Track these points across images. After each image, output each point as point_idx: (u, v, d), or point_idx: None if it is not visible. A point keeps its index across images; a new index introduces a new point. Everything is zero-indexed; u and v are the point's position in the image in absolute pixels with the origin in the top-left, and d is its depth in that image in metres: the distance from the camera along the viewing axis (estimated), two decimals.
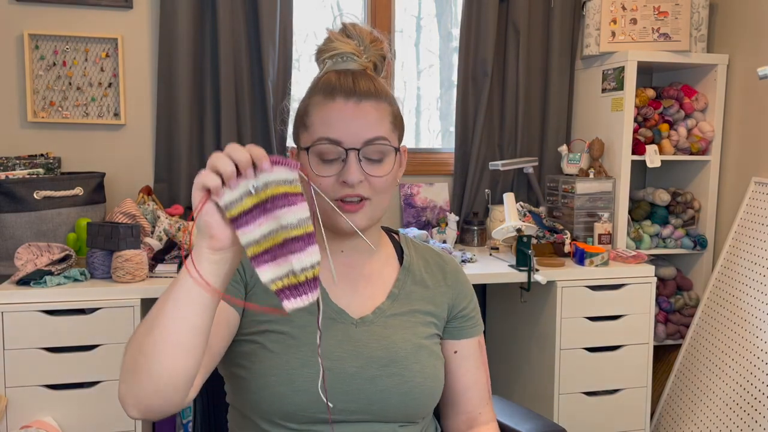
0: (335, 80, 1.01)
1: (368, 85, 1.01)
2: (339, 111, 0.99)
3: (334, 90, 1.00)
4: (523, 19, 2.76)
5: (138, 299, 1.92)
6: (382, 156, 1.01)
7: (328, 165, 0.99)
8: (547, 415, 2.31)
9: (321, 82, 1.03)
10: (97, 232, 1.99)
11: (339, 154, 0.98)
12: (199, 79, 2.51)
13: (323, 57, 1.07)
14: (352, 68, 1.04)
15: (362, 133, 0.98)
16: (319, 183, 0.98)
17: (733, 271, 2.48)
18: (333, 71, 1.04)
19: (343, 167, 0.98)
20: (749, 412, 2.22)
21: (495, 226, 2.61)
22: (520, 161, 2.70)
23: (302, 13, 2.76)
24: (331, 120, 0.99)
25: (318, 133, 0.99)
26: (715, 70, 2.66)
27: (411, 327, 1.08)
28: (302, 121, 1.03)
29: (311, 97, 1.03)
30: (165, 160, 2.51)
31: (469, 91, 2.78)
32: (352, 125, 0.98)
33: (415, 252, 1.18)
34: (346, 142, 0.98)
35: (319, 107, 1.00)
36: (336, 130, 0.98)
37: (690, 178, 2.81)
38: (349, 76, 1.01)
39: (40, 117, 2.42)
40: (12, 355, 1.85)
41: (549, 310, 2.29)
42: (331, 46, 1.05)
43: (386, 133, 1.01)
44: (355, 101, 0.99)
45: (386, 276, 1.12)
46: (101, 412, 1.92)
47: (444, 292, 1.15)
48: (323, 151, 0.98)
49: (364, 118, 0.99)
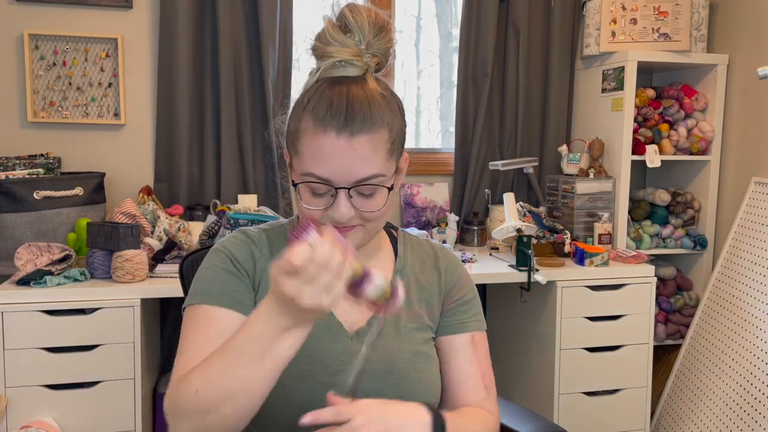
0: (327, 107, 0.93)
1: (364, 114, 0.93)
2: (330, 147, 0.92)
3: (325, 119, 0.92)
4: (523, 19, 2.76)
5: (138, 299, 1.92)
6: (374, 191, 0.96)
7: (318, 198, 0.95)
8: (547, 415, 2.31)
9: (314, 98, 0.95)
10: (97, 232, 1.99)
11: (329, 190, 0.94)
12: (199, 79, 2.51)
13: (319, 57, 0.99)
14: (351, 74, 0.97)
15: (354, 171, 0.92)
16: (309, 214, 0.96)
17: (733, 271, 2.48)
18: (328, 83, 0.96)
19: (333, 202, 0.94)
20: (749, 412, 2.22)
21: (495, 226, 2.61)
22: (520, 161, 2.70)
23: (302, 13, 2.76)
24: (321, 155, 0.92)
25: (307, 166, 0.94)
26: (715, 70, 2.66)
27: (407, 333, 1.07)
28: (293, 142, 0.97)
29: (303, 117, 0.95)
30: (165, 160, 2.51)
31: (469, 91, 2.78)
32: (343, 163, 0.92)
33: (411, 251, 1.15)
34: (336, 181, 0.93)
35: (310, 137, 0.93)
36: (326, 168, 0.92)
37: (690, 178, 2.81)
38: (342, 101, 0.93)
39: (40, 117, 2.42)
40: (12, 355, 1.85)
41: (549, 310, 2.29)
42: (327, 51, 0.97)
43: (380, 166, 0.94)
44: (347, 137, 0.91)
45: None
46: (101, 412, 1.92)
47: (439, 292, 1.13)
48: (313, 187, 0.95)
49: (357, 154, 0.92)
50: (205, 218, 2.39)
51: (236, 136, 2.54)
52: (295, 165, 0.97)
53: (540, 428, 1.27)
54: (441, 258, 1.16)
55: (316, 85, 0.97)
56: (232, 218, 2.11)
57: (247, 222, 2.10)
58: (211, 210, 2.44)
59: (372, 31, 0.97)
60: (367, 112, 0.93)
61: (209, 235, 2.17)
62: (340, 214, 0.94)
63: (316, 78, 0.98)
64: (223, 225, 2.13)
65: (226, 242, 1.06)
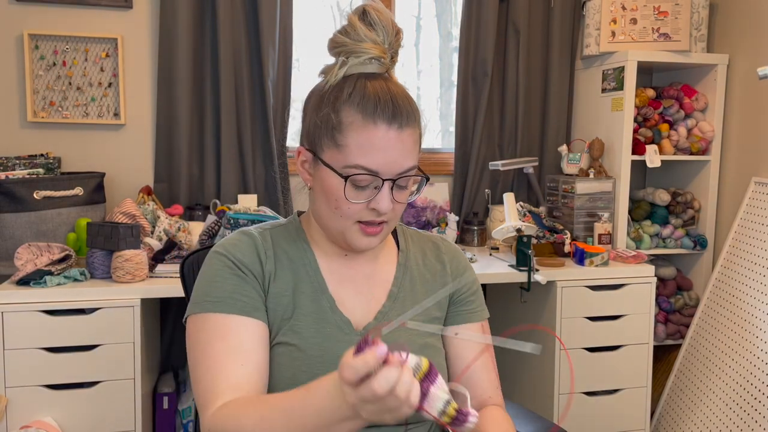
0: (375, 101, 0.94)
1: (407, 108, 0.96)
2: (381, 139, 0.93)
3: (376, 113, 0.93)
4: (523, 19, 2.76)
5: (138, 299, 1.92)
6: (407, 183, 1.00)
7: (359, 191, 0.96)
8: (547, 415, 2.31)
9: (356, 92, 0.95)
10: (97, 232, 1.99)
11: (372, 182, 0.95)
12: (199, 79, 2.51)
13: (346, 53, 0.98)
14: (378, 71, 0.99)
15: (400, 162, 0.96)
16: (348, 207, 0.96)
17: (733, 271, 2.48)
18: (362, 77, 0.97)
19: (375, 195, 0.96)
20: (749, 412, 2.22)
21: (495, 226, 2.61)
22: (520, 161, 2.70)
23: (302, 13, 2.76)
24: (371, 148, 0.93)
25: (354, 158, 0.94)
26: (715, 70, 2.66)
27: (415, 327, 1.08)
28: (332, 135, 0.95)
29: (344, 110, 0.95)
30: (165, 160, 2.51)
31: (469, 91, 2.78)
32: (391, 155, 0.94)
33: (413, 244, 1.16)
34: (383, 173, 0.95)
35: (358, 130, 0.93)
36: (375, 159, 0.94)
37: (690, 178, 2.81)
38: (387, 95, 0.95)
39: (40, 117, 2.42)
40: (12, 355, 1.85)
41: (549, 310, 2.29)
42: (360, 47, 0.97)
43: (416, 159, 0.99)
44: (397, 129, 0.94)
45: (386, 274, 1.11)
46: (101, 412, 1.92)
47: (445, 282, 1.14)
48: (358, 179, 0.95)
49: (403, 147, 0.96)
50: (205, 218, 2.39)
51: (236, 136, 2.54)
52: (330, 158, 0.96)
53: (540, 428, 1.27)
54: (443, 250, 1.18)
55: (351, 79, 0.97)
56: (232, 218, 2.11)
57: (247, 222, 2.10)
58: (211, 210, 2.44)
59: (393, 30, 0.99)
60: (408, 107, 0.97)
61: (209, 235, 2.17)
62: (385, 205, 0.96)
63: (344, 73, 0.98)
64: (223, 225, 2.13)
65: (228, 244, 1.04)
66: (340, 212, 0.97)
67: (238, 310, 0.97)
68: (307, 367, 0.99)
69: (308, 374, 0.97)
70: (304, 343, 1.00)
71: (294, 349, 1.00)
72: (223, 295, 0.98)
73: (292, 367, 0.99)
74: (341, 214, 0.97)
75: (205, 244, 2.14)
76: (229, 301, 0.98)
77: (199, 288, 1.01)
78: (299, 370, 0.98)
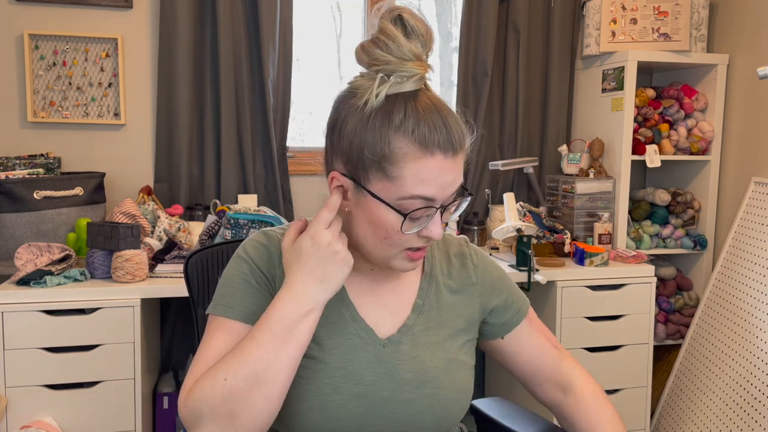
0: (429, 128, 0.87)
1: (459, 131, 0.90)
2: (438, 168, 0.88)
3: (431, 143, 0.87)
4: (523, 19, 2.76)
5: (138, 299, 1.92)
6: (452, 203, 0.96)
7: (414, 222, 0.91)
8: (547, 415, 2.31)
9: (408, 119, 0.88)
10: (97, 232, 1.99)
11: (427, 211, 0.91)
12: (199, 79, 2.51)
13: (387, 72, 0.90)
14: (418, 87, 0.91)
15: (453, 187, 0.92)
16: (400, 238, 0.92)
17: (733, 271, 2.48)
18: (407, 97, 0.89)
19: (427, 222, 0.92)
20: (749, 412, 2.22)
21: (495, 226, 2.61)
22: (520, 161, 2.70)
23: (302, 13, 2.76)
24: (429, 177, 0.88)
25: (410, 189, 0.88)
26: (715, 70, 2.67)
27: (440, 342, 1.04)
28: (381, 166, 0.89)
29: (395, 139, 0.88)
30: (165, 160, 2.51)
31: (469, 91, 2.78)
32: (447, 179, 0.90)
33: (438, 250, 1.11)
34: (439, 200, 0.91)
35: (413, 161, 0.87)
36: (431, 188, 0.89)
37: (690, 178, 2.82)
38: (439, 119, 0.88)
39: (40, 117, 2.42)
40: (12, 355, 1.85)
41: (549, 310, 2.29)
42: (405, 67, 0.89)
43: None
44: (452, 156, 0.89)
45: (411, 284, 1.07)
46: (101, 412, 1.92)
47: (473, 292, 1.10)
48: (417, 214, 0.90)
49: (458, 170, 0.91)
50: (205, 218, 2.39)
51: (236, 136, 2.54)
52: (381, 190, 0.90)
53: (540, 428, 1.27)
54: (468, 254, 1.13)
55: (396, 101, 0.89)
56: (232, 218, 2.11)
57: (247, 222, 2.10)
58: (211, 210, 2.44)
59: (430, 38, 0.92)
60: (459, 129, 0.91)
61: (209, 235, 2.17)
62: (439, 232, 0.92)
63: (386, 93, 0.90)
64: (223, 225, 2.13)
65: (249, 248, 1.03)
66: (390, 242, 0.93)
67: (243, 317, 0.97)
68: (328, 378, 0.97)
69: (332, 386, 0.96)
70: (324, 354, 0.98)
71: (314, 361, 0.98)
72: (233, 301, 0.98)
73: (315, 379, 0.97)
74: (390, 243, 0.93)
75: (205, 244, 2.14)
76: (237, 308, 0.98)
77: (219, 288, 1.02)
78: (322, 382, 0.97)
